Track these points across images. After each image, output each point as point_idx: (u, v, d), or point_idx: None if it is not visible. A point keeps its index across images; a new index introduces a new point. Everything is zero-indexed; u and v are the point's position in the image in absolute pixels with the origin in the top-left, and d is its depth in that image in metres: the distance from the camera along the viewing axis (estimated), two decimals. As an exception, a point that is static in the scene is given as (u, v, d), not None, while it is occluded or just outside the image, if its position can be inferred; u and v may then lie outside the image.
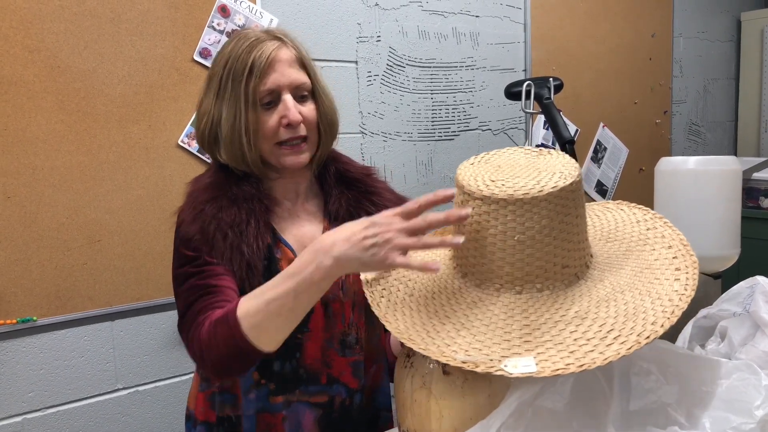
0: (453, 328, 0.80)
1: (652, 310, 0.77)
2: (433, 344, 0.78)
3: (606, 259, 0.89)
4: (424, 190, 2.32)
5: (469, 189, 0.84)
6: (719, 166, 1.44)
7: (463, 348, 0.77)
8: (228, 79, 1.05)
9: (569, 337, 0.76)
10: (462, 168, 0.89)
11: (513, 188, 0.81)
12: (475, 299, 0.84)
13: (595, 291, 0.83)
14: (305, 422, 1.09)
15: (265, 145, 1.07)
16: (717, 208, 1.43)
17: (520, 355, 0.75)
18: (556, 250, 0.82)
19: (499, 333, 0.78)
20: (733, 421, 0.75)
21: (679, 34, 3.16)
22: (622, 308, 0.78)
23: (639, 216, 0.97)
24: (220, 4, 1.81)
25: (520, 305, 0.81)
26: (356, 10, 2.12)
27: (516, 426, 0.75)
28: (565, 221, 0.82)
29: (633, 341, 0.73)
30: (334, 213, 1.14)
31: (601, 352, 0.72)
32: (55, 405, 1.65)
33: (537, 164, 0.88)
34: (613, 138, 2.89)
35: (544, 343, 0.76)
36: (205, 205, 1.04)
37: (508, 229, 0.81)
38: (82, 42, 1.61)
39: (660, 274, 0.83)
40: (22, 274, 1.57)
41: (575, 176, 0.83)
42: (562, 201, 0.81)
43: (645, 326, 0.75)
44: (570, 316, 0.79)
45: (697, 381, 0.81)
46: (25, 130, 1.55)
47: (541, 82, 1.61)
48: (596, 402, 0.77)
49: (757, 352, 0.92)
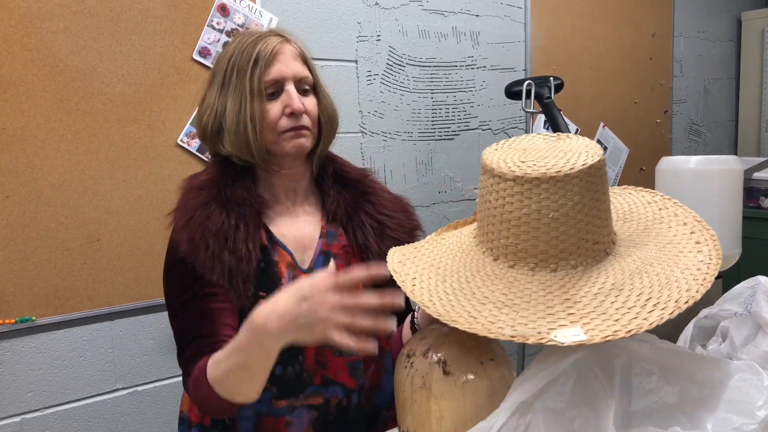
0: (494, 307, 0.81)
1: (684, 279, 0.80)
2: (477, 323, 0.78)
3: (628, 237, 0.91)
4: (424, 189, 2.32)
5: (500, 171, 0.84)
6: (720, 165, 1.44)
7: (509, 324, 0.78)
8: (233, 71, 1.07)
9: (611, 307, 0.77)
10: (487, 153, 0.90)
11: (545, 167, 0.82)
12: (511, 279, 0.84)
13: (626, 265, 0.84)
14: (304, 425, 1.09)
15: (269, 135, 1.08)
16: (718, 208, 1.43)
17: (566, 326, 0.76)
18: (588, 227, 0.83)
19: (541, 309, 0.79)
20: (735, 422, 0.75)
21: (679, 34, 3.15)
22: (655, 279, 0.81)
23: (648, 198, 1.00)
24: (219, 3, 1.80)
25: (557, 281, 0.82)
26: (356, 9, 2.11)
27: (517, 426, 0.74)
28: (595, 197, 0.83)
29: (673, 306, 0.76)
30: (333, 212, 1.15)
31: (644, 318, 0.75)
32: (54, 405, 1.64)
33: (560, 146, 0.90)
34: (613, 138, 2.89)
35: (587, 314, 0.77)
36: (196, 211, 1.05)
37: (542, 207, 0.82)
38: (81, 41, 1.61)
39: (682, 248, 0.86)
40: (21, 274, 1.57)
41: (601, 155, 0.85)
42: (592, 178, 0.83)
43: (681, 293, 0.78)
44: (608, 288, 0.80)
45: (699, 381, 0.80)
46: (24, 129, 1.55)
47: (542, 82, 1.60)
48: (597, 402, 0.76)
49: (759, 352, 0.91)
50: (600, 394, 0.77)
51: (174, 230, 1.07)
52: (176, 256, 1.04)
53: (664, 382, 0.80)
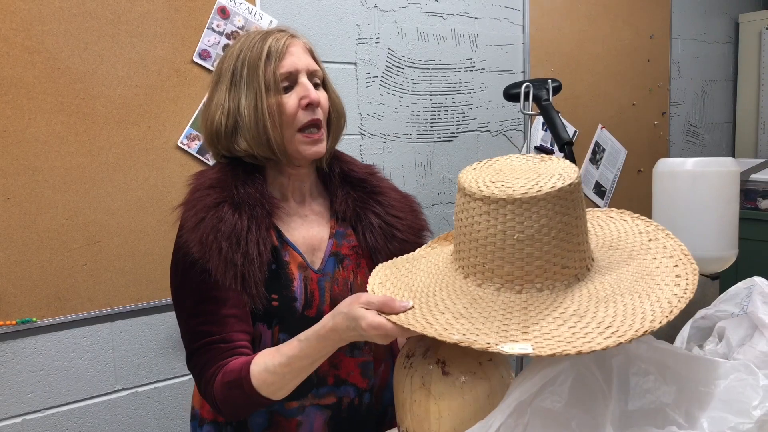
0: (452, 317, 0.82)
1: (651, 311, 0.78)
2: (432, 328, 0.80)
3: (607, 264, 0.90)
4: (423, 191, 2.33)
5: (470, 191, 0.86)
6: (717, 167, 1.45)
7: (461, 332, 0.78)
8: (243, 68, 1.06)
9: (567, 332, 0.77)
10: (464, 172, 0.92)
11: (512, 188, 0.83)
12: (476, 296, 0.85)
13: (595, 292, 0.84)
14: (317, 425, 1.09)
15: (287, 131, 1.07)
16: (715, 210, 1.44)
17: (516, 342, 0.76)
18: (555, 250, 0.83)
19: (497, 324, 0.79)
20: (731, 421, 0.76)
21: (677, 36, 3.16)
22: (621, 309, 0.80)
23: (642, 227, 0.99)
24: (219, 6, 1.81)
25: (520, 303, 0.82)
26: (355, 11, 2.12)
27: (515, 426, 0.75)
28: (564, 221, 0.83)
29: (630, 335, 0.75)
30: (341, 213, 1.15)
31: (598, 343, 0.74)
32: (55, 406, 1.65)
33: (538, 168, 0.90)
34: (611, 139, 2.90)
35: (541, 336, 0.77)
36: (208, 212, 1.02)
37: (507, 228, 0.82)
38: (81, 43, 1.61)
39: (660, 281, 0.85)
40: (22, 275, 1.57)
41: (573, 178, 0.84)
42: (561, 201, 0.82)
43: (643, 323, 0.76)
44: (569, 314, 0.80)
45: (696, 381, 0.81)
46: (25, 131, 1.56)
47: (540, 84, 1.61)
48: (595, 402, 0.77)
49: (755, 352, 0.92)
50: (597, 394, 0.77)
51: (184, 230, 1.04)
52: (186, 258, 1.02)
53: (661, 381, 0.80)
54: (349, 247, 1.14)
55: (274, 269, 1.05)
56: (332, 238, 1.14)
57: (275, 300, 1.04)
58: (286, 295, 1.05)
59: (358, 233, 1.15)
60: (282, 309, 1.05)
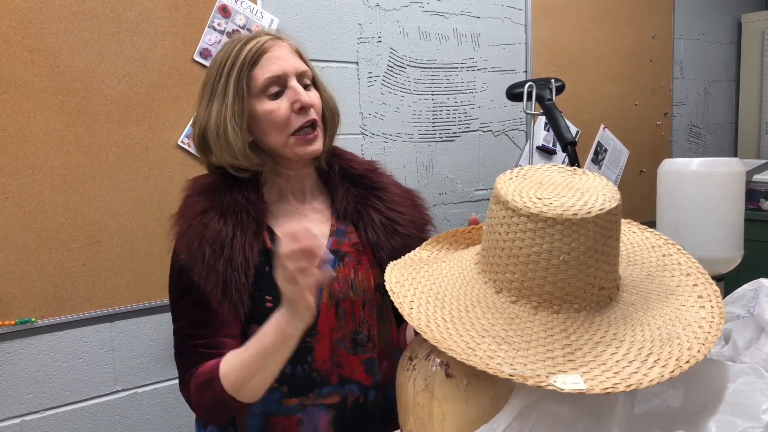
0: (493, 342, 0.80)
1: (686, 337, 0.79)
2: (475, 356, 0.77)
3: (631, 282, 0.90)
4: (424, 191, 2.32)
5: (515, 205, 0.82)
6: (722, 167, 1.44)
7: (507, 362, 0.76)
8: (219, 78, 1.05)
9: (611, 359, 0.76)
10: (502, 182, 0.87)
11: (561, 207, 0.80)
12: (512, 315, 0.83)
13: (628, 314, 0.83)
14: (321, 424, 1.08)
15: (280, 137, 1.07)
16: (720, 210, 1.43)
17: (565, 373, 0.75)
18: (596, 272, 0.82)
19: (541, 350, 0.78)
20: (739, 426, 0.74)
21: (679, 36, 3.16)
22: (656, 333, 0.80)
23: (653, 241, 0.98)
24: (220, 4, 1.80)
25: (559, 324, 0.81)
26: (357, 10, 2.11)
27: (520, 429, 0.74)
28: (607, 243, 0.82)
29: (674, 365, 0.75)
30: (342, 211, 1.15)
31: (644, 374, 0.74)
32: (54, 407, 1.64)
33: (576, 184, 0.87)
34: (613, 139, 2.89)
35: (587, 362, 0.76)
36: (195, 218, 1.04)
37: (554, 248, 0.80)
38: (81, 42, 1.60)
39: (684, 301, 0.85)
40: (21, 275, 1.56)
41: (618, 199, 0.83)
42: (607, 224, 0.81)
43: (682, 351, 0.76)
44: (609, 338, 0.79)
45: (703, 385, 0.80)
46: (25, 130, 1.55)
47: (543, 84, 1.60)
48: (601, 405, 0.76)
49: (762, 355, 0.91)
50: (604, 397, 0.76)
51: (176, 236, 1.06)
52: (178, 263, 1.05)
53: (668, 385, 0.79)
54: (350, 244, 1.13)
55: (267, 271, 1.04)
56: (332, 236, 1.13)
57: (269, 301, 1.03)
58: (280, 296, 1.04)
59: (360, 230, 1.14)
60: (276, 310, 1.04)
